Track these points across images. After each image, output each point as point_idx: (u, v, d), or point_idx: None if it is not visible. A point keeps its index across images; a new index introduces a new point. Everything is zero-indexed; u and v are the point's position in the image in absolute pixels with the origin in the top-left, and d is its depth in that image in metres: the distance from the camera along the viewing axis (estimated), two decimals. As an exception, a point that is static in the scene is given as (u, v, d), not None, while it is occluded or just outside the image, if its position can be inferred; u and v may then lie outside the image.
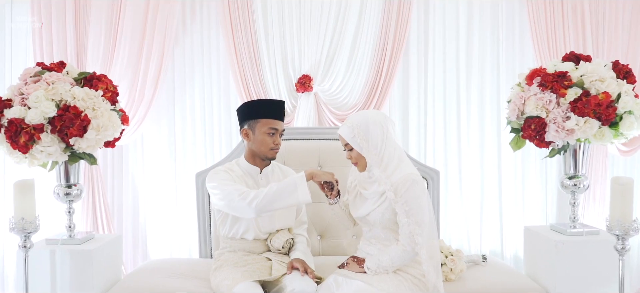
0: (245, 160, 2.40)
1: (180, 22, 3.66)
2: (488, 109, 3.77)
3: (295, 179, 2.12)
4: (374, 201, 2.15)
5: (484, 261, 2.68)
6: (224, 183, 2.22)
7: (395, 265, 2.10)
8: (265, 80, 3.61)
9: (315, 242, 2.87)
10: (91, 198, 3.50)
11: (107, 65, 3.44)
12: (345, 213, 2.35)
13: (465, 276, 2.47)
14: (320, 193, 2.73)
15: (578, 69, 2.46)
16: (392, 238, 2.16)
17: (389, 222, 2.14)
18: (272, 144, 2.32)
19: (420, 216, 2.04)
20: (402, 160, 2.15)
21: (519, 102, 2.55)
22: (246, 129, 2.35)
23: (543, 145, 2.49)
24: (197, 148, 3.73)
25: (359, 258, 2.23)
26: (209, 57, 3.72)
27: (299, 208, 2.52)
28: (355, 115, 2.18)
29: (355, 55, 3.66)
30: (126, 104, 3.42)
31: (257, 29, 3.59)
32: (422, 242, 2.03)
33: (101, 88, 2.41)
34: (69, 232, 2.61)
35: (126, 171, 3.72)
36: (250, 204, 2.10)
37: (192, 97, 3.73)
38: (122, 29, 3.42)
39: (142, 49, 3.46)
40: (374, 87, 3.64)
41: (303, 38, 3.63)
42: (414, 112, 3.78)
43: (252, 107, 2.36)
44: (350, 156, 2.19)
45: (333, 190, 2.25)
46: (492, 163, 3.75)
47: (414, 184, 2.05)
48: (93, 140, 2.32)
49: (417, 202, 2.04)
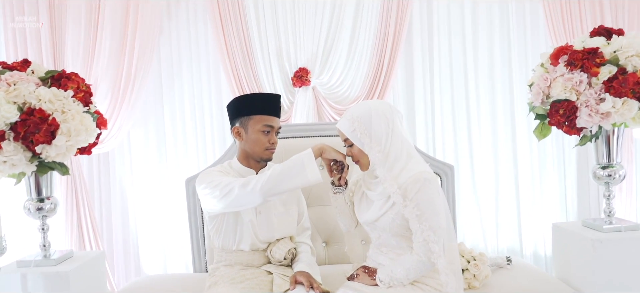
0: (239, 161, 2.16)
1: (164, 13, 3.40)
2: (500, 97, 3.53)
3: (302, 157, 1.87)
4: (381, 204, 1.90)
5: (509, 263, 2.40)
6: (218, 178, 1.98)
7: (410, 278, 1.85)
8: (259, 75, 3.40)
9: (321, 250, 2.63)
10: (75, 212, 3.26)
11: (88, 63, 3.23)
12: (348, 209, 2.10)
13: (491, 282, 2.20)
14: (324, 197, 2.48)
15: (610, 44, 2.18)
16: (405, 246, 1.91)
17: (401, 228, 1.88)
18: (268, 143, 2.08)
19: (436, 220, 1.77)
20: (412, 157, 1.89)
21: (544, 84, 2.27)
22: (238, 126, 2.11)
23: (573, 132, 2.22)
24: (188, 150, 3.54)
25: (370, 268, 1.98)
26: (198, 51, 3.52)
27: (301, 213, 2.29)
28: (356, 106, 1.92)
29: (354, 44, 3.46)
30: (109, 104, 3.24)
31: (248, 20, 3.38)
32: (439, 250, 1.77)
33: (71, 88, 2.13)
34: (44, 251, 2.34)
35: (113, 179, 3.51)
36: (254, 189, 1.86)
37: (181, 95, 3.52)
38: (103, 25, 3.21)
39: (125, 46, 3.26)
40: (375, 78, 3.46)
41: (298, 28, 3.44)
42: (420, 103, 3.58)
43: (244, 102, 2.11)
44: (350, 153, 1.94)
45: (343, 172, 1.99)
46: (506, 155, 3.53)
47: (426, 184, 1.78)
48: (63, 147, 2.05)
49: (430, 204, 1.77)
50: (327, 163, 2.01)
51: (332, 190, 2.08)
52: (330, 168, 2.02)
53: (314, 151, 1.90)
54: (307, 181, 1.87)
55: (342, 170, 2.01)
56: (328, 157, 1.96)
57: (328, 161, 2.00)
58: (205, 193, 2.01)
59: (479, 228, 3.51)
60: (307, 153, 1.89)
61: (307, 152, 1.89)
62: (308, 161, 1.86)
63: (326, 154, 1.95)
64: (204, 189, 2.01)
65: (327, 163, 2.01)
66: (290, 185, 1.88)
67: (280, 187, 1.88)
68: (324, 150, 1.94)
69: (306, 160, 1.87)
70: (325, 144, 1.96)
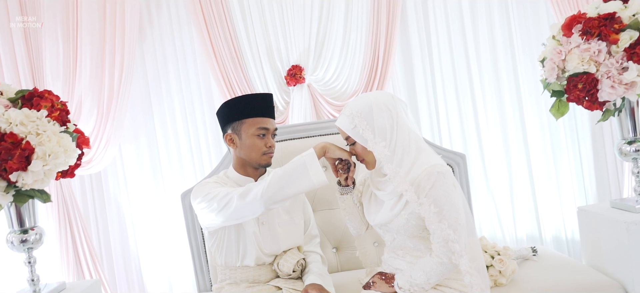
0: (235, 170, 2.01)
1: (146, 21, 3.24)
2: (504, 78, 3.38)
3: (304, 158, 1.73)
4: (393, 204, 1.75)
5: (535, 254, 2.23)
6: (215, 190, 1.84)
7: (431, 282, 1.69)
8: (250, 77, 3.24)
9: (332, 257, 2.47)
10: (70, 240, 3.10)
11: (70, 82, 3.08)
12: (358, 211, 1.94)
13: (519, 277, 2.02)
14: (331, 199, 2.31)
15: (628, 7, 2.00)
16: (422, 247, 1.76)
17: (417, 229, 1.73)
18: (264, 147, 1.94)
19: (454, 217, 1.62)
20: (422, 150, 1.74)
21: (558, 58, 2.09)
22: (230, 133, 1.97)
23: (595, 107, 2.04)
24: (183, 162, 3.40)
25: (387, 275, 1.82)
26: (184, 57, 3.36)
27: (307, 220, 2.14)
28: (355, 100, 1.77)
29: (347, 36, 3.31)
30: (96, 120, 3.10)
31: (234, 20, 3.22)
32: (460, 249, 1.61)
33: (45, 107, 1.94)
34: (33, 286, 2.15)
35: (109, 200, 3.36)
36: (254, 197, 1.73)
37: (171, 105, 3.37)
38: (81, 40, 3.07)
39: (105, 60, 3.07)
40: (372, 69, 3.31)
41: (288, 25, 3.28)
42: (422, 92, 3.44)
43: (234, 106, 1.95)
44: (354, 151, 1.79)
45: (349, 171, 1.84)
46: (517, 139, 3.37)
47: (440, 178, 1.63)
48: (41, 173, 1.86)
49: (447, 199, 1.63)
50: (331, 163, 1.87)
51: (338, 191, 1.94)
52: (335, 168, 1.88)
53: (317, 151, 1.77)
54: (311, 184, 1.73)
55: (349, 169, 1.87)
56: (332, 156, 1.82)
57: (332, 161, 1.86)
58: (201, 208, 1.88)
59: (494, 218, 3.35)
60: (309, 153, 1.75)
61: (309, 153, 1.75)
62: (311, 162, 1.73)
63: (330, 153, 1.81)
64: (200, 203, 1.87)
65: (332, 163, 1.87)
66: (293, 190, 1.75)
67: (282, 193, 1.75)
68: (327, 149, 1.80)
69: (308, 161, 1.73)
70: (328, 143, 1.81)
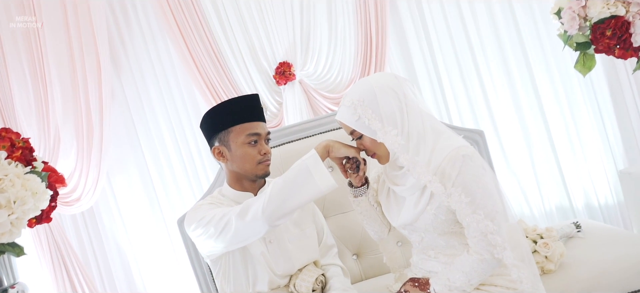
0: (230, 187, 1.79)
1: (116, 40, 3.05)
2: (507, 42, 3.16)
3: (306, 162, 1.54)
4: (416, 200, 1.52)
5: (579, 230, 1.99)
6: (210, 213, 1.64)
7: (473, 283, 1.47)
8: (236, 81, 3.03)
9: (353, 265, 2.21)
10: (69, 288, 2.90)
11: (43, 118, 2.86)
12: (376, 212, 1.71)
13: (569, 261, 1.79)
14: (343, 202, 2.12)
15: None
16: (457, 244, 1.54)
17: (448, 224, 1.51)
18: (259, 156, 1.72)
19: (491, 204, 1.42)
20: (440, 132, 1.52)
21: (577, 6, 1.86)
22: (218, 146, 1.75)
23: (629, 54, 1.81)
24: (179, 184, 3.17)
25: (420, 280, 1.60)
26: (163, 72, 3.14)
27: (320, 230, 1.92)
28: (354, 87, 1.54)
29: (334, 23, 3.08)
30: (77, 154, 2.90)
31: (210, 24, 3.01)
32: (502, 241, 1.40)
33: (3, 147, 1.69)
34: (20, 351, 1.90)
35: (106, 237, 3.14)
36: (255, 215, 1.54)
37: (156, 125, 3.15)
38: (50, 76, 2.84)
39: (77, 91, 2.87)
40: (367, 54, 3.09)
41: (268, 21, 3.06)
42: (422, 71, 3.21)
43: (217, 115, 1.74)
44: (361, 146, 1.57)
45: (359, 170, 1.62)
46: (531, 107, 3.15)
47: (467, 161, 1.43)
48: (7, 224, 1.62)
49: (479, 185, 1.42)
50: (338, 163, 1.64)
51: (351, 194, 1.70)
52: (343, 168, 1.64)
53: (319, 152, 1.56)
54: (318, 191, 1.52)
55: (359, 168, 1.63)
56: (337, 155, 1.59)
57: (339, 160, 1.63)
58: (198, 235, 1.67)
59: (519, 195, 3.15)
60: (311, 156, 1.54)
61: (310, 155, 1.54)
62: (314, 165, 1.52)
63: (334, 152, 1.58)
64: (196, 230, 1.66)
65: (339, 162, 1.64)
66: (298, 200, 1.54)
67: (286, 206, 1.54)
68: (330, 148, 1.58)
69: (311, 164, 1.52)
70: (331, 140, 1.59)
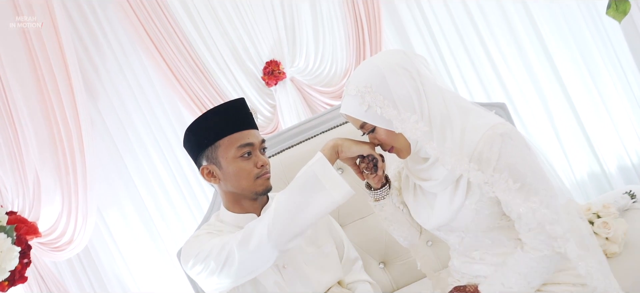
0: (228, 210, 1.55)
1: (87, 65, 2.82)
2: (510, 3, 2.92)
3: (312, 169, 1.32)
4: (450, 195, 1.29)
5: (635, 201, 1.75)
6: (207, 245, 1.41)
7: (534, 285, 1.25)
8: (221, 88, 2.83)
9: (381, 276, 1.96)
10: None
11: (18, 164, 2.61)
12: (403, 215, 1.44)
13: (634, 239, 1.54)
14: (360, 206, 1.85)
15: None
16: (505, 240, 1.30)
17: (492, 218, 1.28)
18: (255, 169, 1.48)
19: (544, 188, 1.20)
20: (468, 110, 1.29)
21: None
22: (206, 165, 1.51)
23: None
24: (177, 210, 2.99)
25: (466, 287, 1.36)
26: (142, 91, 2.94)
27: (340, 244, 1.68)
28: (357, 73, 1.29)
29: (319, 10, 2.90)
30: (63, 195, 2.68)
31: (185, 31, 2.80)
32: (563, 232, 1.18)
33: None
34: None
35: (108, 279, 2.95)
36: (260, 241, 1.32)
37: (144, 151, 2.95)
38: (18, 113, 2.58)
39: (51, 129, 2.63)
40: (359, 39, 2.90)
41: (248, 19, 2.86)
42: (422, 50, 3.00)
43: (199, 129, 1.49)
44: (375, 140, 1.33)
45: (377, 169, 1.37)
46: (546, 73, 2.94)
47: (506, 140, 1.20)
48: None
49: (527, 167, 1.20)
50: (351, 164, 1.39)
51: (371, 198, 1.45)
52: (357, 169, 1.39)
53: (326, 154, 1.33)
54: (331, 201, 1.29)
55: (376, 166, 1.37)
56: (349, 155, 1.35)
57: (351, 161, 1.38)
58: (197, 272, 1.44)
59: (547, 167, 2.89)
60: (317, 160, 1.31)
61: (317, 159, 1.32)
62: (322, 171, 1.30)
63: (345, 152, 1.35)
64: (194, 267, 1.43)
65: (351, 163, 1.39)
66: (309, 216, 1.31)
67: (296, 225, 1.31)
68: (340, 148, 1.35)
69: (319, 170, 1.30)
70: (339, 138, 1.34)
